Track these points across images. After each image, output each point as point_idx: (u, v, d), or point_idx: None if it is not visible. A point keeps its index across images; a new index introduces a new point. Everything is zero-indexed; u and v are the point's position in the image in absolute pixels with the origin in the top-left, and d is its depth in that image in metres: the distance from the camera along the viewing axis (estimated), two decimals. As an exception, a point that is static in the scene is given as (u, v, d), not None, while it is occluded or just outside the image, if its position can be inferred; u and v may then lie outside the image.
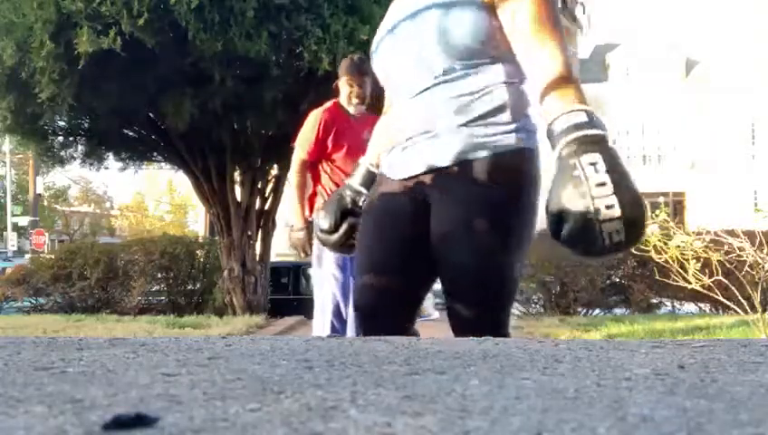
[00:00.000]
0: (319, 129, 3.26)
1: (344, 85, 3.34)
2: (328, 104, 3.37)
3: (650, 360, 0.89)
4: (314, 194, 3.37)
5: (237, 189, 8.97)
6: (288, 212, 3.33)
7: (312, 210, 3.32)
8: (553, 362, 0.87)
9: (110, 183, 63.62)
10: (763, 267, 4.61)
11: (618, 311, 8.77)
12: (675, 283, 4.79)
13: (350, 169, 3.02)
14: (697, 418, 0.56)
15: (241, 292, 8.56)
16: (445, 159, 1.49)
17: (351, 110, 3.33)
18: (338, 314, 3.23)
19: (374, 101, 2.98)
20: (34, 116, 7.06)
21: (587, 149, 1.20)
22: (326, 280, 3.22)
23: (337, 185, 3.12)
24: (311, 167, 3.34)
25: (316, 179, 3.36)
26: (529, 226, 1.49)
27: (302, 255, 3.25)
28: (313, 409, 0.60)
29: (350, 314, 3.17)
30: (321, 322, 3.27)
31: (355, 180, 1.83)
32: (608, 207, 1.15)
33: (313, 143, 3.28)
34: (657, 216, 4.74)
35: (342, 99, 3.35)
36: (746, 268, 4.72)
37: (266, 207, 9.07)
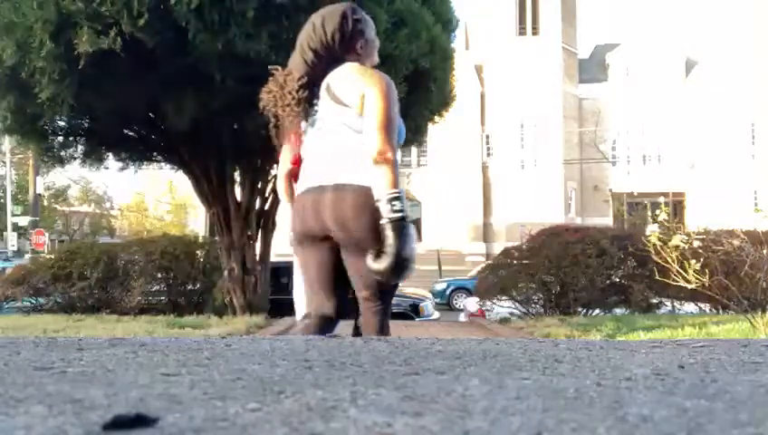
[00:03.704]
0: (298, 139, 3.30)
1: None
2: None
3: (650, 360, 0.89)
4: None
5: (237, 190, 8.96)
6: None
7: None
8: (553, 362, 0.87)
9: (110, 183, 63.58)
10: (763, 267, 4.61)
11: (618, 311, 8.76)
12: (675, 283, 4.79)
13: None
14: (697, 418, 0.56)
15: (241, 292, 8.56)
16: None
17: None
18: None
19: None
20: (34, 116, 7.05)
21: None
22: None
23: None
24: (297, 173, 3.39)
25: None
26: None
27: None
28: (313, 409, 0.60)
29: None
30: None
31: None
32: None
33: (298, 153, 3.32)
34: (657, 216, 4.74)
35: None
36: (746, 268, 4.71)
37: (266, 208, 9.07)
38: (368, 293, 2.10)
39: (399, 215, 1.94)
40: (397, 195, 1.95)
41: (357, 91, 2.04)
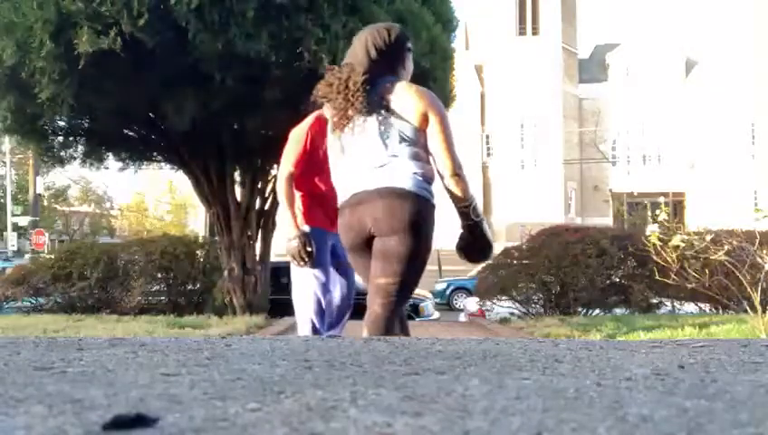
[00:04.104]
0: (306, 143, 3.24)
1: None
2: (310, 120, 3.31)
3: (650, 360, 0.89)
4: (306, 201, 3.35)
5: (237, 189, 8.96)
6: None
7: (305, 218, 3.30)
8: (553, 362, 0.87)
9: (110, 183, 63.55)
10: (763, 267, 4.61)
11: (618, 311, 8.75)
12: (675, 283, 4.79)
13: None
14: (697, 418, 0.56)
15: (241, 292, 8.55)
16: None
17: None
18: (319, 312, 3.27)
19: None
20: (34, 116, 7.05)
21: None
22: (307, 280, 3.25)
23: (325, 191, 3.13)
24: (298, 176, 3.31)
25: (305, 187, 3.34)
26: None
27: (300, 263, 3.19)
28: (313, 409, 0.60)
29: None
30: (301, 321, 3.31)
31: None
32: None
33: (301, 157, 3.26)
34: (657, 216, 4.74)
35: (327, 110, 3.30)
36: (746, 268, 4.71)
37: (266, 207, 9.06)
38: (394, 279, 2.31)
39: (482, 216, 2.50)
40: (475, 201, 2.48)
41: (417, 108, 2.37)
